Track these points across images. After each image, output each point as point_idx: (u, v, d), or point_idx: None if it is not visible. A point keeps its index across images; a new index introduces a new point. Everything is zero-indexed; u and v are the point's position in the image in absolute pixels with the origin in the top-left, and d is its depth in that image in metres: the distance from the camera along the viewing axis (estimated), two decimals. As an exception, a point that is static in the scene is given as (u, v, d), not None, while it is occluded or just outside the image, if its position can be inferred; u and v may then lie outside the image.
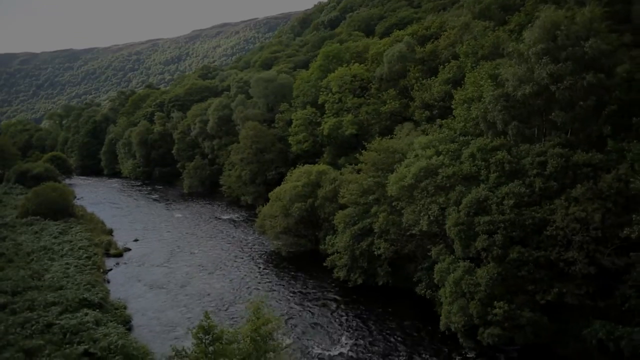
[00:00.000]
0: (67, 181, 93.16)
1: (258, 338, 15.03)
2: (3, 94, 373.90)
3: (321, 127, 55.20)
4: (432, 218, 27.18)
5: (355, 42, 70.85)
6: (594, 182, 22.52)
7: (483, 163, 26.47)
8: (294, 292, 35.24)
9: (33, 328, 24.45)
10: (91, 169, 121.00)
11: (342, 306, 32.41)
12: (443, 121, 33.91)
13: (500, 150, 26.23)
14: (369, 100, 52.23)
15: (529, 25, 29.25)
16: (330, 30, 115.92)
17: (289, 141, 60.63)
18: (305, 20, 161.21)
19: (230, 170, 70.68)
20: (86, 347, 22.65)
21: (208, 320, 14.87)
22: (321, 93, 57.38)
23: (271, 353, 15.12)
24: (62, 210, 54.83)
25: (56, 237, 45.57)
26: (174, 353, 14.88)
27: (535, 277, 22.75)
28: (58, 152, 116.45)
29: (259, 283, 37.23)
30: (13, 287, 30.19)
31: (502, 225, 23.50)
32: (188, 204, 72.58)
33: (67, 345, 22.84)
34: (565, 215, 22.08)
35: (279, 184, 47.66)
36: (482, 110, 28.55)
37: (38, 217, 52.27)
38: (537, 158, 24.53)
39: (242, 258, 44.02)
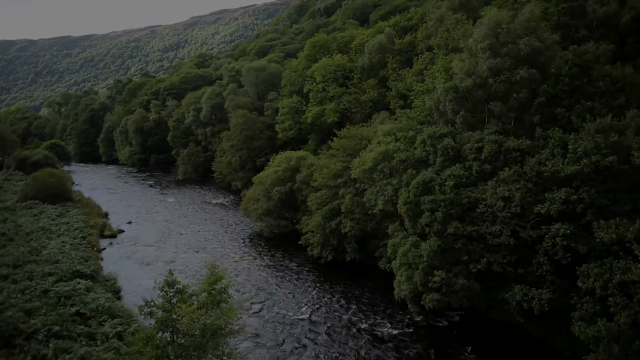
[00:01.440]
0: (66, 168, 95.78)
1: (214, 292, 18.33)
2: (1, 82, 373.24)
3: (305, 115, 57.83)
4: (387, 198, 30.35)
5: (342, 33, 72.87)
6: (521, 165, 25.56)
7: (432, 149, 29.50)
8: (270, 267, 38.64)
9: (32, 294, 28.05)
10: (89, 156, 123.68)
11: (313, 280, 35.82)
12: (402, 111, 36.76)
13: (447, 137, 29.21)
14: (350, 90, 54.70)
15: (478, 21, 31.96)
16: (327, 17, 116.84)
17: (276, 129, 63.39)
18: (302, 7, 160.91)
19: (221, 156, 73.50)
20: (77, 308, 26.35)
21: (172, 277, 18.14)
22: (306, 82, 59.82)
23: (224, 304, 18.42)
24: (60, 194, 57.88)
25: (54, 219, 48.85)
26: (144, 303, 18.15)
27: (469, 248, 26.03)
28: (57, 139, 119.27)
29: (239, 260, 40.61)
30: (14, 261, 33.82)
31: (443, 204, 26.64)
32: (181, 189, 75.72)
33: (61, 307, 26.45)
34: (493, 194, 25.22)
35: (268, 170, 50.35)
36: (435, 101, 31.44)
37: (37, 201, 55.37)
38: (476, 144, 27.51)
39: (227, 238, 47.38)
